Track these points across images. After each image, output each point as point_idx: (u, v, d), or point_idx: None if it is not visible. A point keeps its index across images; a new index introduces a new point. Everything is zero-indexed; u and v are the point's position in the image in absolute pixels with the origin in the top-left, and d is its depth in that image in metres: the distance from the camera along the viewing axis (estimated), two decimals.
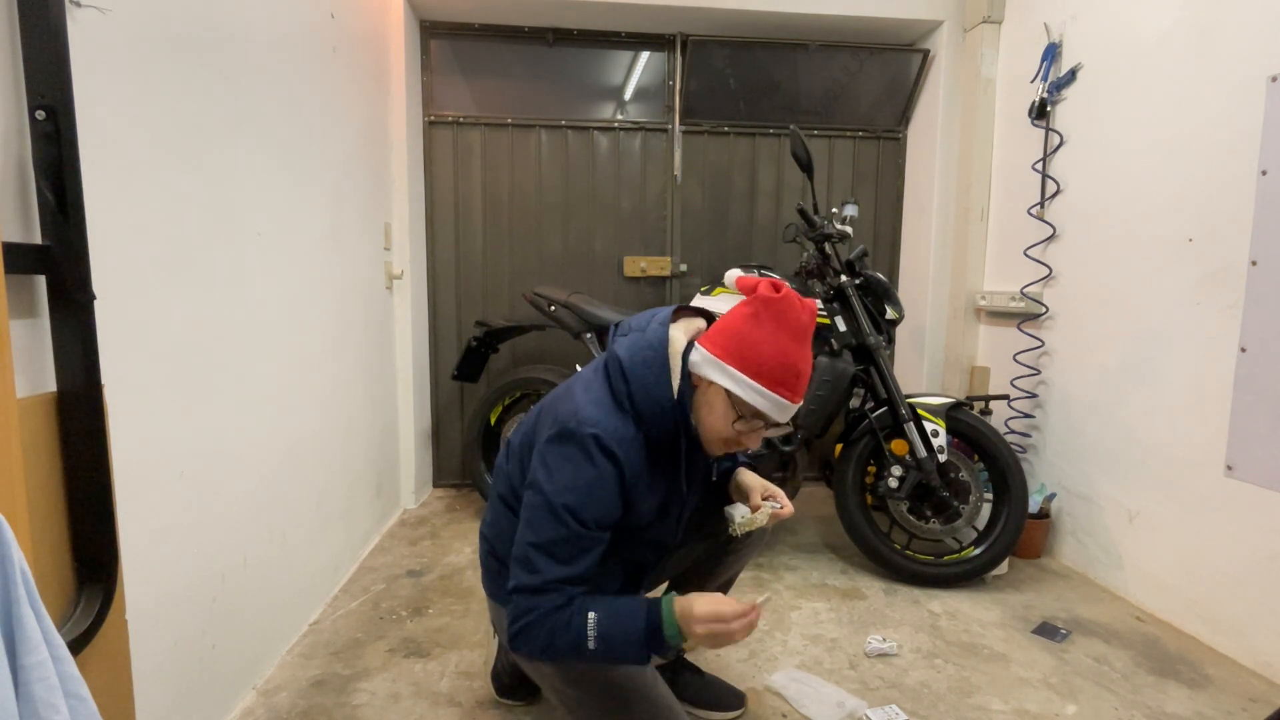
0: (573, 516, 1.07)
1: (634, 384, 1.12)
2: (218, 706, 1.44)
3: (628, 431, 1.11)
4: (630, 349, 1.15)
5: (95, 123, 1.07)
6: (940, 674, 1.71)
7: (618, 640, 1.03)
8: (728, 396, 1.10)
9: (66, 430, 1.00)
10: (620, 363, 1.14)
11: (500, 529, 1.30)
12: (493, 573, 1.33)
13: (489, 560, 1.33)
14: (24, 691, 0.68)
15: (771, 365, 1.07)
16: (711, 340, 1.12)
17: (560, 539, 1.07)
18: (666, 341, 1.15)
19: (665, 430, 1.14)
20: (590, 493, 1.07)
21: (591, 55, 3.05)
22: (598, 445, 1.07)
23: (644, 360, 1.13)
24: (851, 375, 2.22)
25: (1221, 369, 1.84)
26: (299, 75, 1.80)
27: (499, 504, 1.30)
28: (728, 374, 1.08)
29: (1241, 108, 1.80)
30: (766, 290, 1.09)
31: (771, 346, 1.07)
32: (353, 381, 2.25)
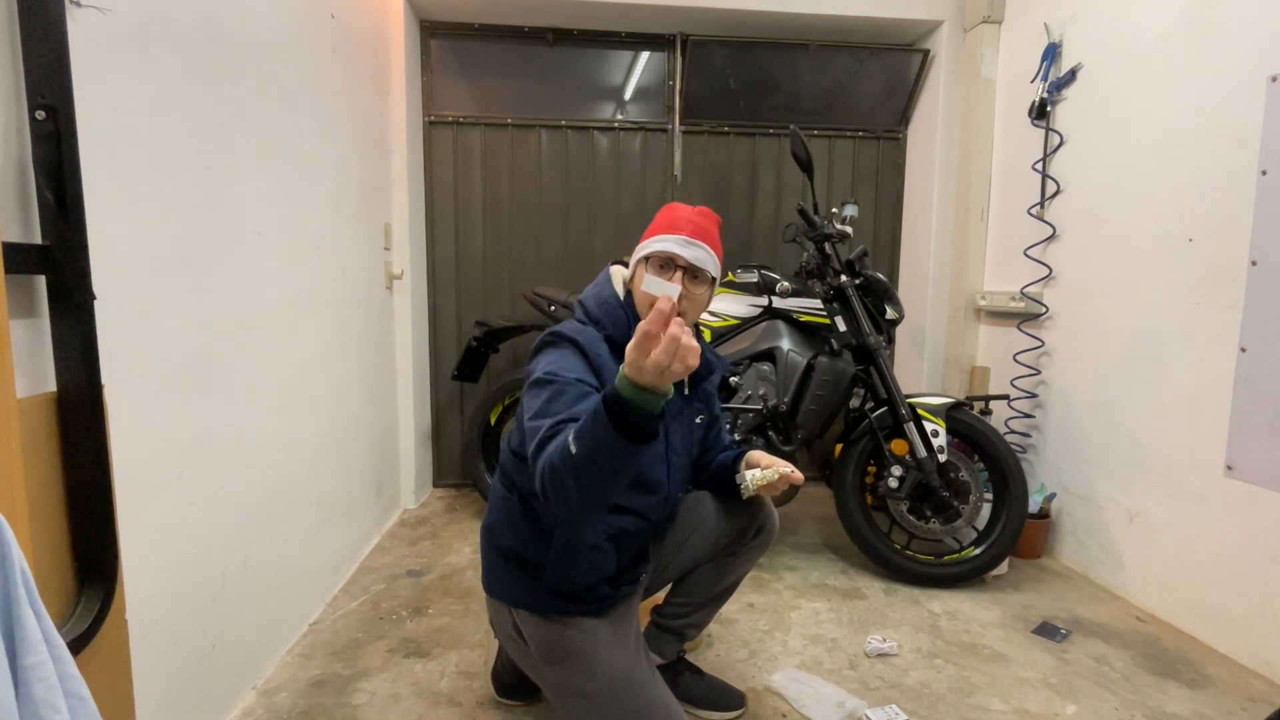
0: (554, 375, 1.15)
1: (586, 301, 1.33)
2: (218, 706, 1.44)
3: (585, 329, 1.27)
4: (586, 290, 1.37)
5: (95, 123, 1.07)
6: (940, 674, 1.71)
7: (587, 431, 0.93)
8: (644, 264, 1.30)
9: (66, 430, 1.00)
10: (578, 301, 1.36)
11: (502, 520, 1.31)
12: (494, 569, 1.33)
13: (491, 556, 1.33)
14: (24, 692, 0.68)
15: (664, 221, 1.31)
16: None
17: (549, 397, 1.12)
18: (606, 269, 1.40)
19: (618, 325, 1.29)
20: (565, 360, 1.19)
21: (591, 55, 3.05)
22: (557, 335, 1.24)
23: (596, 283, 1.37)
24: (851, 375, 2.22)
25: (1221, 369, 1.84)
26: (299, 75, 1.80)
27: (500, 495, 1.32)
28: (639, 249, 1.32)
29: (1241, 108, 1.80)
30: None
31: (666, 214, 1.33)
32: (353, 381, 2.25)
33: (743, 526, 1.47)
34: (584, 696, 1.22)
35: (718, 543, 1.47)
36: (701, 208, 1.34)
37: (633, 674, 1.23)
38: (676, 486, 1.37)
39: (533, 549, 1.27)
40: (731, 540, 1.47)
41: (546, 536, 1.26)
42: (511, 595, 1.30)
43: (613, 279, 1.37)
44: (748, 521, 1.47)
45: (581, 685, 1.22)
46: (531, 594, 1.27)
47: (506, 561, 1.30)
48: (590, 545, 1.26)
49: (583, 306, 1.34)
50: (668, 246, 1.26)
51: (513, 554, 1.30)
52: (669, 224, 1.30)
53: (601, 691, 1.20)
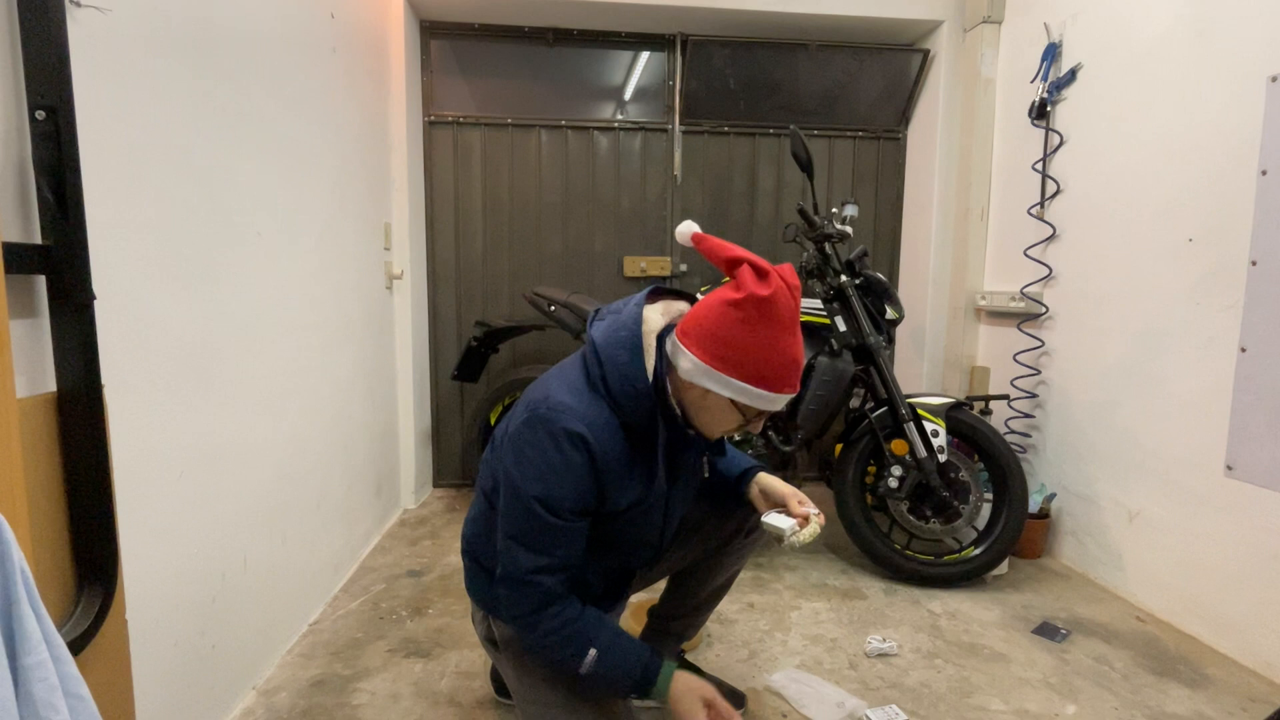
0: (542, 506, 1.04)
1: (608, 366, 1.07)
2: (218, 706, 1.44)
3: (600, 416, 1.07)
4: (605, 331, 1.10)
5: (95, 123, 1.07)
6: (940, 674, 1.71)
7: (606, 681, 1.10)
8: (732, 403, 1.06)
9: (66, 430, 1.00)
10: (595, 346, 1.10)
11: (478, 527, 1.27)
12: (470, 571, 1.30)
13: (469, 561, 1.30)
14: (24, 691, 0.68)
15: (777, 369, 1.03)
16: (702, 346, 1.04)
17: (532, 530, 1.06)
18: (640, 321, 1.10)
19: (642, 414, 1.08)
20: (559, 481, 1.04)
21: (591, 55, 3.05)
22: (564, 431, 1.03)
23: (617, 341, 1.08)
24: (851, 375, 2.22)
25: (1221, 369, 1.84)
26: (299, 75, 1.80)
27: (480, 499, 1.27)
28: (730, 385, 1.03)
29: (1241, 108, 1.80)
30: (754, 285, 1.00)
31: (775, 349, 1.02)
32: (353, 381, 2.25)
33: (737, 525, 1.44)
34: (544, 705, 1.20)
35: (711, 542, 1.45)
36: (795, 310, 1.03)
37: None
38: (671, 532, 1.32)
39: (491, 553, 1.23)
40: (725, 539, 1.45)
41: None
42: (488, 601, 1.26)
43: (645, 340, 1.09)
44: (741, 521, 1.43)
45: (543, 694, 1.20)
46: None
47: (483, 570, 1.26)
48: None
49: (600, 366, 1.08)
50: (776, 406, 1.06)
51: (490, 567, 1.24)
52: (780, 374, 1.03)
53: (561, 702, 1.18)
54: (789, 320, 1.02)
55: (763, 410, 1.07)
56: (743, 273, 1.01)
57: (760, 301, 0.99)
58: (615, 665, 1.09)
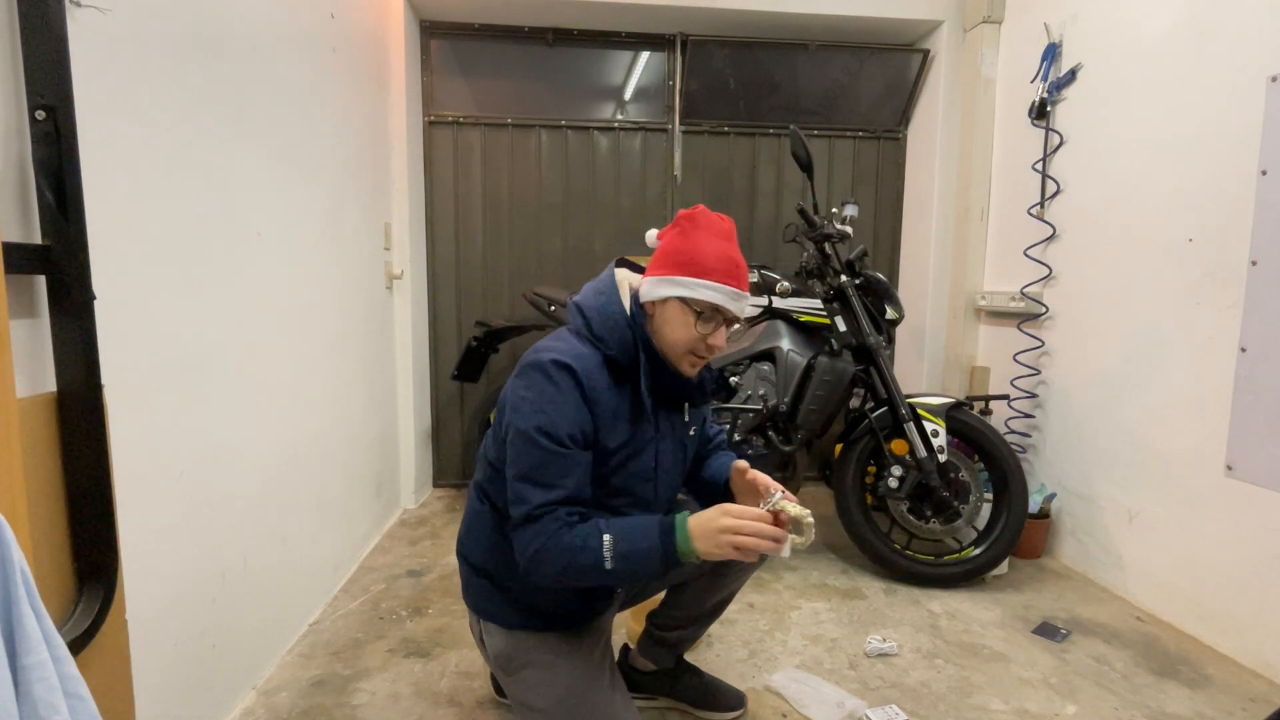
0: (544, 435, 1.09)
1: (589, 312, 1.19)
2: (218, 706, 1.44)
3: (584, 352, 1.16)
4: (585, 291, 1.25)
5: (95, 123, 1.07)
6: (940, 674, 1.71)
7: (636, 560, 1.07)
8: (682, 304, 1.16)
9: (66, 430, 1.00)
10: (577, 305, 1.22)
11: (474, 533, 1.28)
12: (466, 579, 1.30)
13: (463, 565, 1.31)
14: (24, 691, 0.68)
15: (712, 261, 1.15)
16: (655, 267, 1.20)
17: (538, 463, 1.09)
18: (613, 274, 1.25)
19: (625, 347, 1.18)
20: (556, 408, 1.10)
21: (591, 55, 3.05)
22: (554, 364, 1.12)
23: (595, 291, 1.23)
24: (851, 375, 2.22)
25: (1221, 369, 1.84)
26: (299, 75, 1.80)
27: (474, 508, 1.28)
28: (678, 284, 1.16)
29: (1241, 108, 1.80)
30: (683, 210, 1.20)
31: (708, 246, 1.16)
32: (353, 381, 2.25)
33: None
34: (534, 711, 1.21)
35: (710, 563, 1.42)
36: (729, 227, 1.20)
37: (586, 694, 1.21)
38: (663, 503, 1.32)
39: (502, 565, 1.23)
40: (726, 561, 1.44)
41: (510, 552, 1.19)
42: (480, 607, 1.26)
43: (619, 287, 1.22)
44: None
45: (532, 700, 1.21)
46: (499, 608, 1.24)
47: (475, 573, 1.27)
48: None
49: (581, 315, 1.20)
50: (720, 300, 1.14)
51: (481, 568, 1.26)
52: (717, 266, 1.14)
53: (551, 709, 1.19)
54: (720, 229, 1.19)
55: (714, 304, 1.15)
56: (683, 211, 1.21)
57: (687, 217, 1.19)
58: (634, 540, 1.07)
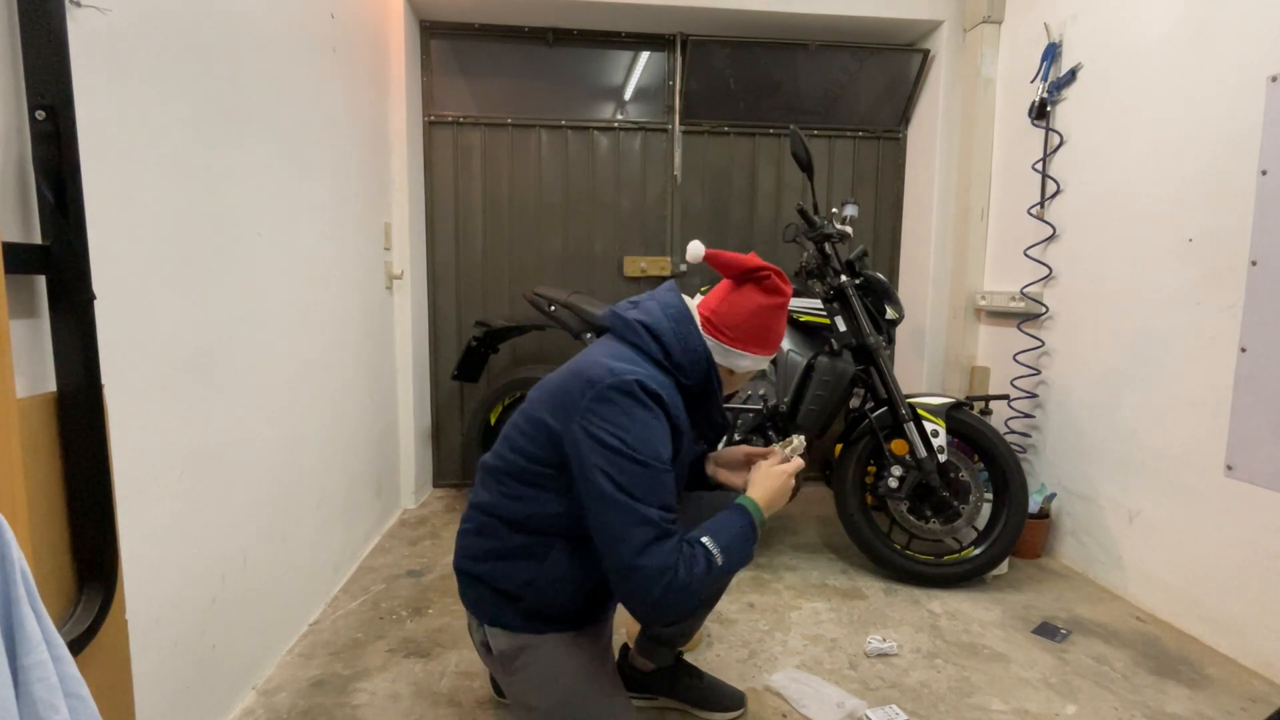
0: (649, 459, 1.10)
1: (667, 339, 1.21)
2: (218, 706, 1.44)
3: (662, 378, 1.19)
4: (655, 313, 1.25)
5: (95, 123, 1.07)
6: (940, 674, 1.71)
7: (734, 547, 1.15)
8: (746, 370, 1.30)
9: (66, 430, 1.00)
10: (646, 326, 1.23)
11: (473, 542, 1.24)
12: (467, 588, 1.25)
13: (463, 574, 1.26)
14: (24, 691, 0.68)
15: (775, 342, 1.30)
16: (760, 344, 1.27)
17: (641, 483, 1.09)
18: (684, 303, 1.28)
19: (699, 380, 1.24)
20: (650, 432, 1.12)
21: (591, 55, 3.05)
22: (642, 389, 1.13)
23: (674, 317, 1.24)
24: (851, 375, 2.22)
25: (1221, 369, 1.84)
26: (299, 75, 1.80)
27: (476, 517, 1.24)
28: (759, 361, 1.29)
29: (1241, 108, 1.80)
30: (786, 286, 1.27)
31: (778, 330, 1.29)
32: (353, 381, 2.25)
33: None
34: (534, 711, 1.22)
35: None
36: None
37: (587, 696, 1.21)
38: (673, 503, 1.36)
39: (510, 578, 1.21)
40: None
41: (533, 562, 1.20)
42: (484, 613, 1.24)
43: (697, 321, 1.26)
44: None
45: (533, 700, 1.22)
46: (504, 613, 1.22)
47: (479, 584, 1.24)
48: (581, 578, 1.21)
49: (657, 341, 1.21)
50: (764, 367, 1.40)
51: (487, 580, 1.22)
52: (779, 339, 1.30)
53: (551, 710, 1.20)
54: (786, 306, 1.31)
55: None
56: (776, 278, 1.26)
57: (783, 300, 1.27)
58: (727, 531, 1.16)
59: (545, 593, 1.20)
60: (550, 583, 1.20)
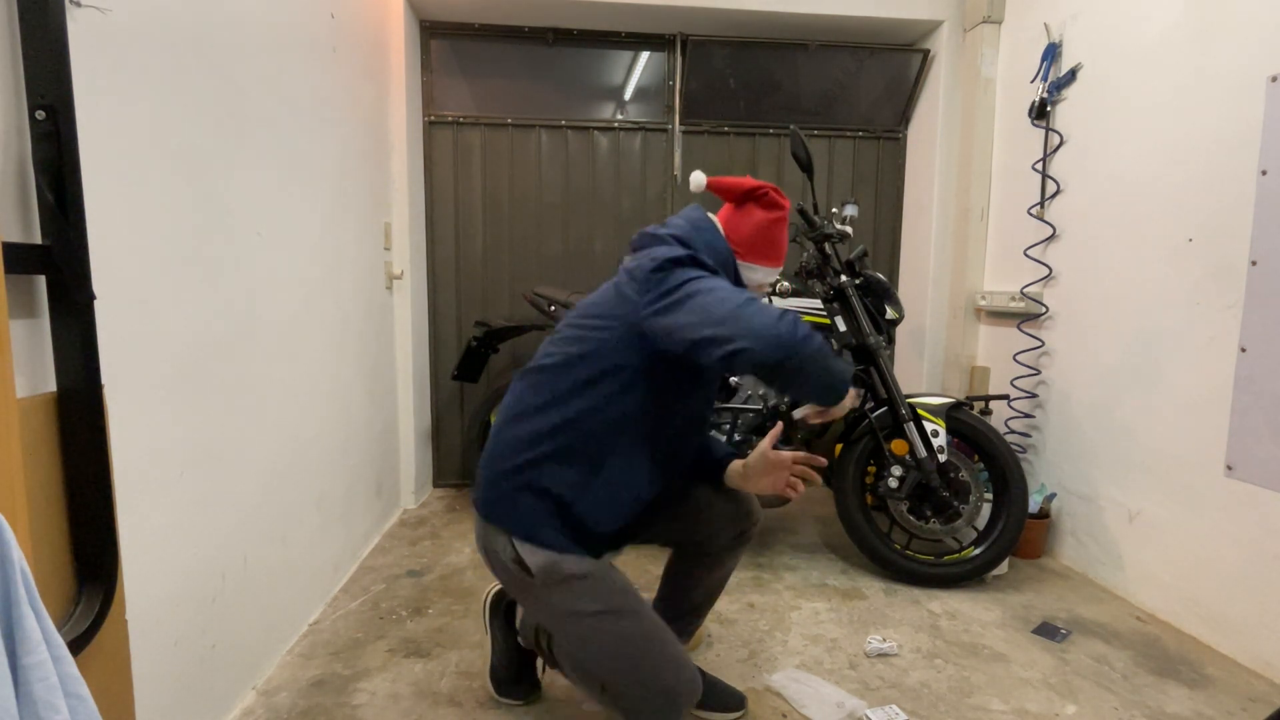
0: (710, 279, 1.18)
1: (698, 243, 1.27)
2: (218, 706, 1.44)
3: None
4: (681, 224, 1.31)
5: (95, 123, 1.07)
6: (940, 674, 1.71)
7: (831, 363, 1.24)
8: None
9: (66, 430, 1.00)
10: (675, 236, 1.27)
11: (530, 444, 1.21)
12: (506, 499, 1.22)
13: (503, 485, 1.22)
14: (24, 691, 0.68)
15: (781, 254, 1.38)
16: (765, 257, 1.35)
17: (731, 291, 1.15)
18: (708, 217, 1.35)
19: (729, 279, 1.30)
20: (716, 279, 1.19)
21: (591, 55, 3.05)
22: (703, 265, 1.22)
23: (698, 225, 1.31)
24: (851, 375, 2.22)
25: (1221, 369, 1.84)
26: (299, 75, 1.80)
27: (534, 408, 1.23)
28: (771, 274, 1.38)
29: (1241, 108, 1.80)
30: (785, 200, 1.35)
31: (782, 242, 1.37)
32: (353, 381, 2.25)
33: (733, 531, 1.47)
34: (585, 616, 1.20)
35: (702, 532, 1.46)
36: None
37: (630, 600, 1.23)
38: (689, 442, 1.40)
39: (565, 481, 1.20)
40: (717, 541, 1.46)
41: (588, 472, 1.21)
42: (522, 527, 1.21)
43: (721, 231, 1.34)
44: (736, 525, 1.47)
45: (584, 606, 1.20)
46: (544, 529, 1.20)
47: (522, 491, 1.21)
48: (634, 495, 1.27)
49: (690, 251, 1.22)
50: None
51: (535, 484, 1.21)
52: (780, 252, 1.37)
53: (607, 608, 1.20)
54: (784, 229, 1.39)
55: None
56: (773, 194, 1.34)
57: (784, 213, 1.36)
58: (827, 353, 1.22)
59: (593, 507, 1.21)
60: (598, 496, 1.22)
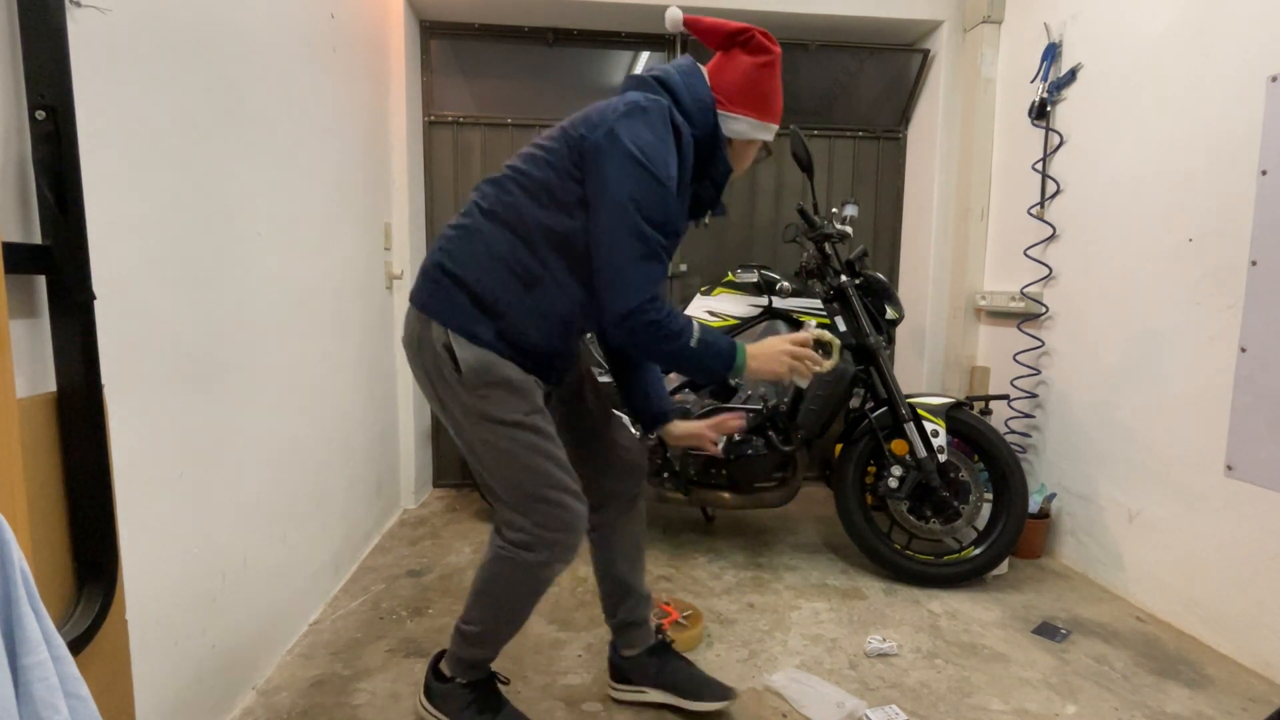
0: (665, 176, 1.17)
1: (678, 89, 1.25)
2: (218, 706, 1.44)
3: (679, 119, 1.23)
4: (667, 69, 1.28)
5: (95, 123, 1.07)
6: (940, 674, 1.71)
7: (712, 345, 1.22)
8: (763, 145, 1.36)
9: (66, 430, 1.00)
10: (658, 79, 1.26)
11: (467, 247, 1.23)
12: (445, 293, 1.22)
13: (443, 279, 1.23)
14: (24, 691, 0.68)
15: (770, 106, 1.31)
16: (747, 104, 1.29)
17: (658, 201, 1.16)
18: (697, 65, 1.31)
19: (706, 132, 1.27)
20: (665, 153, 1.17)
21: (591, 55, 3.05)
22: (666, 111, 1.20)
23: (682, 70, 1.28)
24: (851, 375, 2.22)
25: (1221, 369, 1.84)
26: (299, 75, 1.80)
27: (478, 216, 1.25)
28: (767, 130, 1.32)
29: (1241, 108, 1.80)
30: (772, 44, 1.27)
31: (770, 91, 1.30)
32: (353, 381, 2.25)
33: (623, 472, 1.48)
34: (502, 424, 1.21)
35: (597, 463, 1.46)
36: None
37: (544, 421, 1.25)
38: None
39: (498, 289, 1.21)
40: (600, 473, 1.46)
41: (521, 286, 1.22)
42: (456, 321, 1.21)
43: (706, 79, 1.30)
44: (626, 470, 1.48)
45: (503, 415, 1.20)
46: (478, 325, 1.21)
47: (462, 291, 1.22)
48: (561, 316, 1.25)
49: (671, 93, 1.25)
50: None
51: (472, 288, 1.21)
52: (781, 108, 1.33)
53: (522, 421, 1.21)
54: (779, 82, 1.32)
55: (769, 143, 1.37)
56: (759, 36, 1.27)
57: (779, 57, 1.29)
58: (714, 335, 1.23)
59: (525, 320, 1.23)
60: (531, 312, 1.23)
